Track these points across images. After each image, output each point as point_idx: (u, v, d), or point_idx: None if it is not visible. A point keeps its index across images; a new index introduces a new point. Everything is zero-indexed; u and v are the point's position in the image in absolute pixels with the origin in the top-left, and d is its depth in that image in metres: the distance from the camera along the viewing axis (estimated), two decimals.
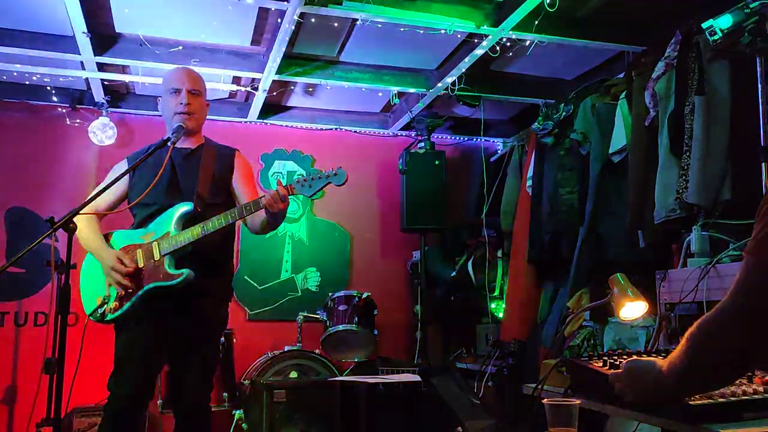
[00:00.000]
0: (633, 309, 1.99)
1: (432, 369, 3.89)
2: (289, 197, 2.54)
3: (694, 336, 1.28)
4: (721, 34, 2.44)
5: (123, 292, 2.61)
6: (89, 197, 2.47)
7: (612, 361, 1.66)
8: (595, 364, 1.67)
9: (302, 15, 3.54)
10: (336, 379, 3.97)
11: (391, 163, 5.44)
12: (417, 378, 3.73)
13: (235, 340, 4.68)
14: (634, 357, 1.63)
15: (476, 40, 3.87)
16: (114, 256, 2.62)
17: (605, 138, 3.73)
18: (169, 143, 2.60)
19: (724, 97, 2.92)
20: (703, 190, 2.87)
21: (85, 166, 4.92)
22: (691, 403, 1.38)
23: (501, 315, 4.74)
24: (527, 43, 3.86)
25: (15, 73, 4.43)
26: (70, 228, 2.17)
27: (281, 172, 5.41)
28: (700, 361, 1.28)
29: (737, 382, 1.47)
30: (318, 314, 4.60)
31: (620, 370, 1.50)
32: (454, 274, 5.06)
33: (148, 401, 2.65)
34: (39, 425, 3.92)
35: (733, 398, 1.42)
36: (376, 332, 4.50)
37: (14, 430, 4.55)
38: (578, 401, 1.49)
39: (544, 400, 1.51)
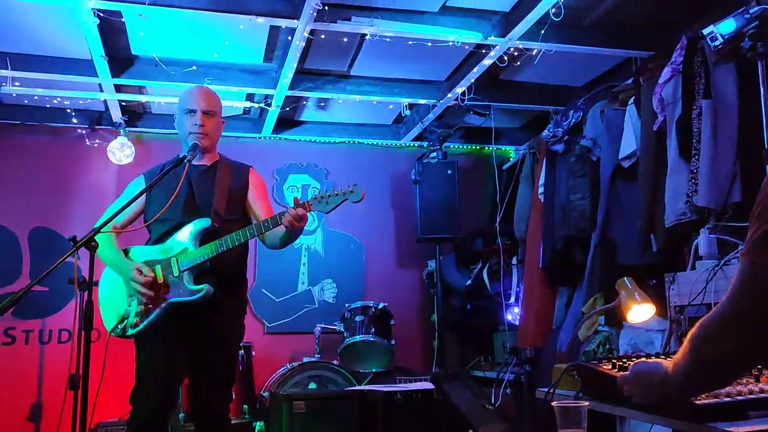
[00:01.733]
0: (640, 312, 2.01)
1: (444, 376, 3.91)
2: (307, 214, 2.58)
3: (695, 337, 1.31)
4: (722, 40, 2.47)
5: (144, 308, 2.66)
6: (109, 215, 2.54)
7: (621, 363, 1.69)
8: (605, 367, 1.70)
9: (312, 32, 3.61)
10: (354, 389, 4.01)
11: (404, 173, 5.50)
12: (432, 386, 3.76)
13: (254, 352, 4.74)
14: (642, 359, 1.66)
15: (484, 51, 3.91)
16: (133, 267, 2.66)
17: (615, 143, 3.76)
18: (185, 161, 2.65)
19: (730, 100, 2.93)
20: (713, 192, 2.88)
21: (104, 185, 5.03)
22: (697, 402, 1.40)
23: (517, 322, 4.76)
24: (534, 51, 3.90)
25: (36, 97, 4.55)
26: (91, 246, 2.23)
27: (296, 186, 5.48)
28: (701, 362, 1.31)
29: (743, 380, 1.50)
30: (335, 325, 4.64)
31: (628, 372, 1.53)
32: (469, 282, 5.08)
33: (170, 415, 2.69)
34: None
35: (739, 397, 1.44)
36: (393, 342, 4.53)
37: None
38: (587, 403, 1.52)
39: (554, 403, 1.54)
